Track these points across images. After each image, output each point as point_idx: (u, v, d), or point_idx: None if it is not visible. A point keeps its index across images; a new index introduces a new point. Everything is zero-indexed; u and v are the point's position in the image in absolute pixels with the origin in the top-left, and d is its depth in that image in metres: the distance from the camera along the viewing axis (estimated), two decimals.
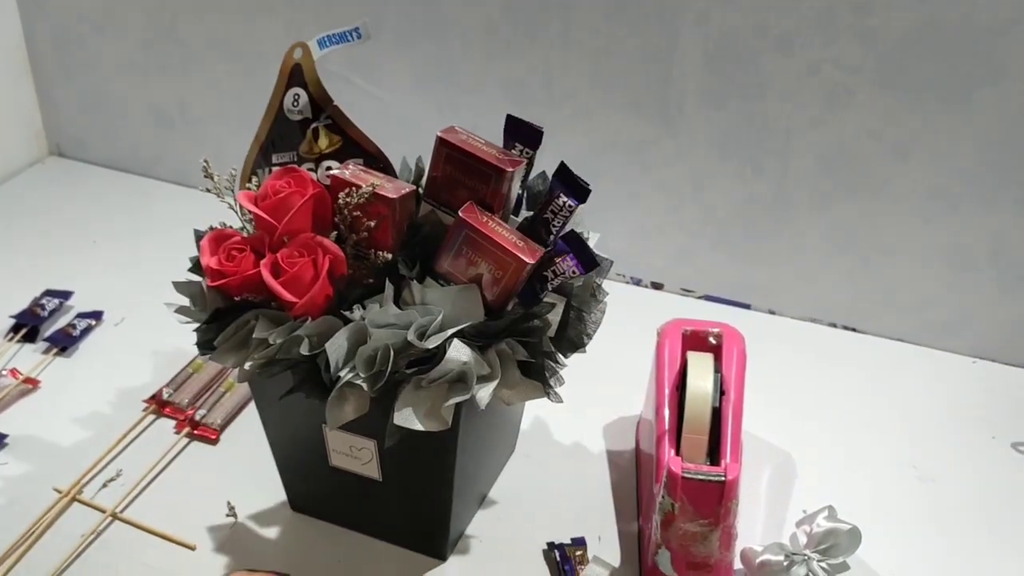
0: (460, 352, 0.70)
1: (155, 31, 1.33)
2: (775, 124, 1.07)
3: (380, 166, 0.85)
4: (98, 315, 1.14)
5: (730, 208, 1.14)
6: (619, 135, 1.14)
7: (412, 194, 0.76)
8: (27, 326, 1.11)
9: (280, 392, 0.74)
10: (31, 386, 1.04)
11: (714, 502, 0.76)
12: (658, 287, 1.23)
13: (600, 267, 0.78)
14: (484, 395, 0.70)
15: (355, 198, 0.73)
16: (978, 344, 1.11)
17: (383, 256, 0.74)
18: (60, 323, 1.13)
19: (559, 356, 0.77)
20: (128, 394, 1.03)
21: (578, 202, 0.74)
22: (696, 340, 0.87)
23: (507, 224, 0.74)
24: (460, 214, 0.72)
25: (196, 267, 0.79)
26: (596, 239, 0.85)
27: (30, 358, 1.08)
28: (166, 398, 1.01)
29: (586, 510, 0.90)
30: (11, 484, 0.92)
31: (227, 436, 0.98)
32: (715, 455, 0.79)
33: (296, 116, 0.83)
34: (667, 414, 0.82)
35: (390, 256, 0.75)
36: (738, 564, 0.82)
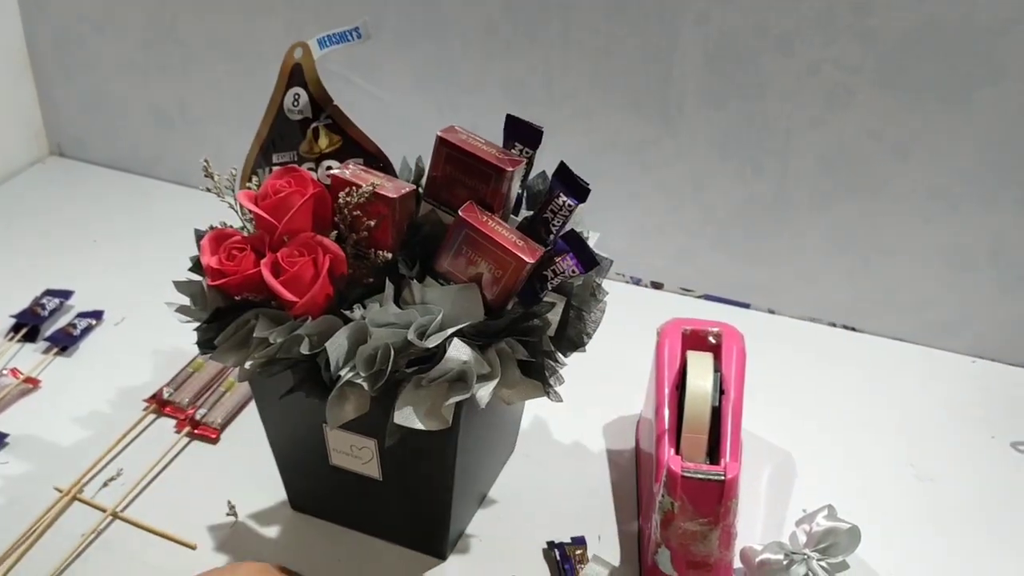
0: (460, 351, 0.70)
1: (155, 31, 1.33)
2: (775, 124, 1.07)
3: (380, 166, 0.85)
4: (98, 315, 1.14)
5: (730, 208, 1.14)
6: (619, 135, 1.14)
7: (412, 194, 0.76)
8: (27, 326, 1.11)
9: (280, 391, 0.74)
10: (31, 386, 1.04)
11: (714, 501, 0.76)
12: (658, 287, 1.23)
13: (600, 266, 0.78)
14: (484, 394, 0.70)
15: (355, 197, 0.73)
16: (978, 344, 1.11)
17: (383, 255, 0.74)
18: (60, 323, 1.13)
19: (559, 355, 0.76)
20: (128, 393, 1.03)
21: (578, 202, 0.74)
22: (696, 339, 0.87)
23: (507, 224, 0.74)
24: (460, 213, 0.72)
25: (196, 266, 0.79)
26: (596, 239, 0.85)
27: (30, 358, 1.08)
28: (166, 397, 1.01)
29: (586, 509, 0.90)
30: (12, 483, 0.92)
31: (227, 435, 0.98)
32: (715, 454, 0.79)
33: (296, 116, 0.83)
34: (667, 413, 0.82)
35: (390, 255, 0.75)
36: (738, 563, 0.82)
